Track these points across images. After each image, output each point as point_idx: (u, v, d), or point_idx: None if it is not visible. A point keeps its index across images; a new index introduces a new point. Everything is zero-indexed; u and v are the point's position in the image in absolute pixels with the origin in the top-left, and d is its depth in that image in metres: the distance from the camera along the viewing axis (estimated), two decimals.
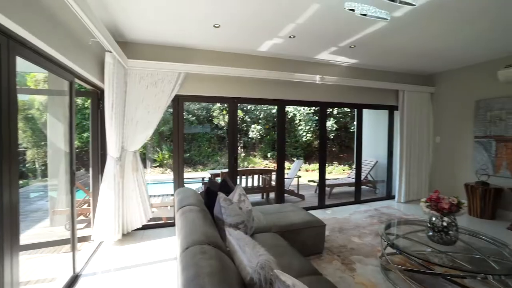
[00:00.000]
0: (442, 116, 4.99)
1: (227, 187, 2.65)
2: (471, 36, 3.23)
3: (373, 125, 6.03)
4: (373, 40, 3.38)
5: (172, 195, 3.96)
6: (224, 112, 9.99)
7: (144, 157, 9.14)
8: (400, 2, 2.42)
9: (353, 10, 2.48)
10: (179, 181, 3.73)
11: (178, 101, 3.66)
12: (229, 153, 4.01)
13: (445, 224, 2.18)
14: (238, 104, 4.02)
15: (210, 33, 3.16)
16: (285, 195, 4.88)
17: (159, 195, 4.45)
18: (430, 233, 2.30)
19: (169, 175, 6.53)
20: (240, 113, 10.57)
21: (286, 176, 5.08)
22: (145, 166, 8.94)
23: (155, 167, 9.52)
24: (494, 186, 3.93)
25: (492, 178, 4.08)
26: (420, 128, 5.00)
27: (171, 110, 3.70)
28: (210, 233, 1.56)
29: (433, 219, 2.26)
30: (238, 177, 4.38)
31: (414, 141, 4.94)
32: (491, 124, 4.15)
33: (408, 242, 2.48)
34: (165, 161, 9.52)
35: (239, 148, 10.88)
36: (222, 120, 10.25)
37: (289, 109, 10.62)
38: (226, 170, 4.18)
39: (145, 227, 3.53)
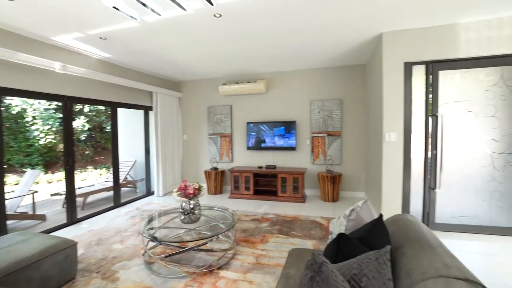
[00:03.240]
0: (188, 118, 6.04)
1: None
2: (201, 55, 4.17)
3: (130, 125, 5.96)
4: (127, 38, 3.32)
5: None
6: None
7: None
8: (152, 10, 2.58)
9: None
10: None
11: None
12: None
13: (192, 206, 2.68)
14: None
15: None
16: (12, 221, 3.50)
17: None
18: (182, 217, 2.72)
19: None
20: None
21: (10, 195, 3.64)
22: None
23: None
24: (221, 169, 5.45)
25: (220, 164, 5.65)
26: (171, 128, 5.69)
27: None
28: None
29: (183, 204, 2.69)
30: None
31: (167, 139, 5.54)
32: (217, 125, 5.70)
33: (167, 231, 2.75)
34: None
35: None
36: None
37: (13, 101, 7.64)
38: None
39: None
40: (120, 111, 5.04)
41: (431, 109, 3.19)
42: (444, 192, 3.19)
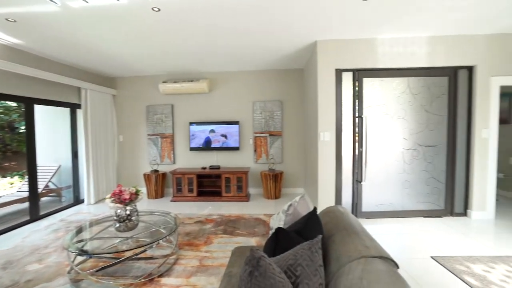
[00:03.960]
0: (124, 117, 5.54)
1: None
2: (139, 50, 3.88)
3: (53, 125, 5.17)
4: (44, 24, 2.87)
5: None
6: None
7: None
8: None
9: None
10: None
11: None
12: None
13: (128, 212, 2.48)
14: None
15: None
16: None
17: None
18: (117, 225, 2.49)
19: None
20: None
21: None
22: None
23: None
24: (162, 172, 5.16)
25: (161, 166, 5.35)
26: (105, 128, 5.15)
27: None
28: None
29: (118, 211, 2.47)
30: None
31: (100, 140, 4.99)
32: (157, 125, 5.38)
33: (100, 242, 2.48)
34: None
35: None
36: None
37: None
38: None
39: None
40: (39, 108, 4.33)
41: (358, 111, 3.62)
42: (368, 184, 3.65)
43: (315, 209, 1.55)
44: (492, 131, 3.50)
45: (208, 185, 5.06)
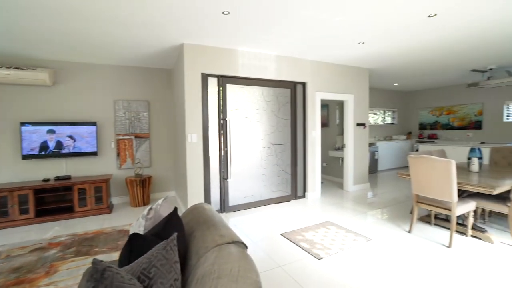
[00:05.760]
0: None
1: None
2: None
3: None
4: None
5: None
6: None
7: None
8: None
9: None
10: None
11: None
12: None
13: None
14: None
15: None
16: None
17: None
18: None
19: None
20: None
21: None
22: None
23: None
24: None
25: None
26: None
27: None
28: None
29: None
30: None
31: None
32: None
33: None
34: None
35: None
36: None
37: None
38: None
39: None
40: None
41: (223, 114, 3.94)
42: (234, 181, 4.05)
43: (175, 209, 1.59)
44: (317, 132, 4.73)
45: (54, 201, 4.07)
